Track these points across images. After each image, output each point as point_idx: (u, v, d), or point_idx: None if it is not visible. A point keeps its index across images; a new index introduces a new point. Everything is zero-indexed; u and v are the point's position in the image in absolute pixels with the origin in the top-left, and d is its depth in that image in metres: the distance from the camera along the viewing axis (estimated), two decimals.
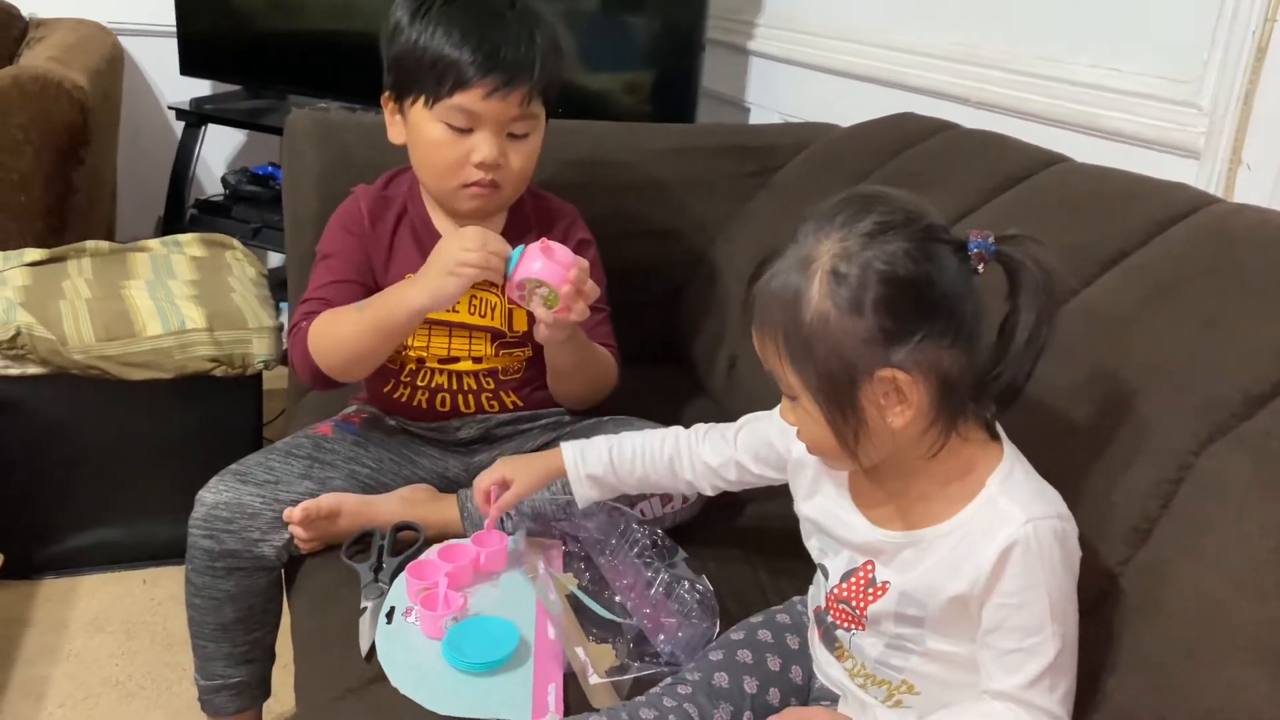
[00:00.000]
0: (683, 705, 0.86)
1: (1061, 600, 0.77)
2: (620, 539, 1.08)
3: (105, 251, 1.94)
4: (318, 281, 1.23)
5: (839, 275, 0.74)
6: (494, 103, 1.13)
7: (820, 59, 1.95)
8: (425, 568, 1.05)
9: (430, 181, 1.22)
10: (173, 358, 1.64)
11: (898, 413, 0.76)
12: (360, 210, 1.25)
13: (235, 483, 1.14)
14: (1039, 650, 0.76)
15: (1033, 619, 0.76)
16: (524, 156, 1.19)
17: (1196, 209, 1.02)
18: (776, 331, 0.77)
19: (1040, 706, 0.77)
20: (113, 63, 2.33)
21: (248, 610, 1.18)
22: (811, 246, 0.76)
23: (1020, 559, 0.75)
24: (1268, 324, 0.86)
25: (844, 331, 0.74)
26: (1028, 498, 0.78)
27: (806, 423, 0.80)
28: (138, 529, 1.74)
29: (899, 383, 0.75)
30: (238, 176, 2.49)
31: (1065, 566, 0.77)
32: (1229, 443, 0.83)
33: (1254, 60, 1.14)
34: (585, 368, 1.23)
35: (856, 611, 0.85)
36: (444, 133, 1.15)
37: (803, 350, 0.76)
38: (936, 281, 0.74)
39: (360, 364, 1.18)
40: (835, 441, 0.78)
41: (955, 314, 0.75)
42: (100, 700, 1.47)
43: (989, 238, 0.76)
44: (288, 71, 2.44)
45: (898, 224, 0.74)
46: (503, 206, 1.25)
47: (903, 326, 0.73)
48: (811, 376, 0.76)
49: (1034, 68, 1.47)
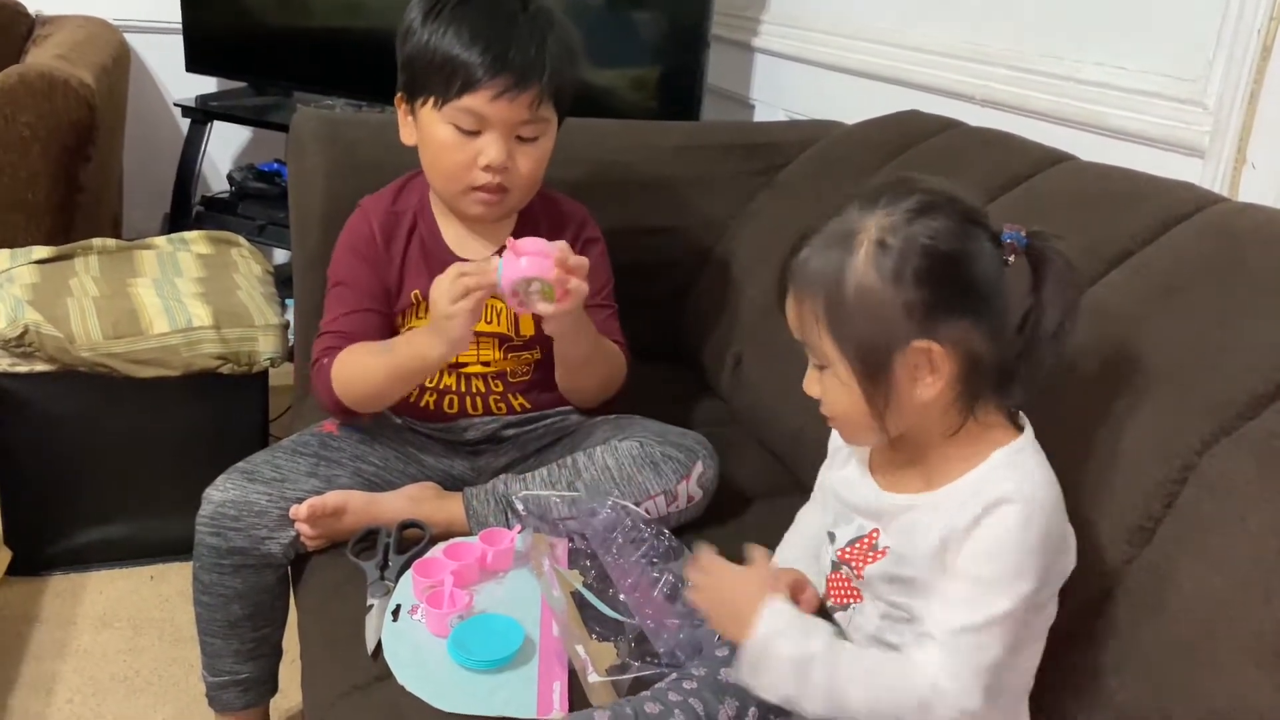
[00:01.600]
0: (688, 700, 0.86)
1: (1022, 575, 0.76)
2: (626, 538, 1.08)
3: (112, 249, 1.94)
4: (333, 312, 1.23)
5: (884, 246, 0.77)
6: (502, 105, 1.13)
7: (826, 56, 1.95)
8: (431, 565, 1.05)
9: (438, 184, 1.22)
10: (179, 355, 1.64)
11: (928, 384, 0.79)
12: (370, 230, 1.24)
13: (242, 480, 1.14)
14: (980, 604, 0.76)
15: (989, 573, 0.76)
16: (532, 160, 1.18)
17: (1202, 208, 1.02)
18: (818, 298, 0.80)
19: (961, 656, 0.76)
20: (119, 60, 2.34)
21: (255, 607, 1.19)
22: (856, 221, 0.79)
23: (999, 518, 0.76)
24: (1272, 323, 0.86)
25: (885, 300, 0.77)
26: (1027, 476, 0.79)
27: (836, 391, 0.82)
28: (145, 525, 1.74)
29: (933, 354, 0.77)
30: (243, 174, 2.49)
31: (1040, 548, 0.77)
32: (1233, 442, 0.83)
33: (1259, 59, 1.14)
34: (597, 361, 1.23)
35: (855, 573, 0.86)
36: (452, 134, 1.15)
37: (843, 317, 0.79)
38: (975, 261, 0.78)
39: (385, 400, 1.20)
40: (864, 410, 0.80)
41: (988, 297, 0.78)
42: (108, 695, 1.48)
43: (1021, 231, 0.79)
44: (294, 69, 2.45)
45: (941, 204, 0.78)
46: (510, 212, 1.24)
47: (941, 300, 0.77)
48: (849, 343, 0.79)
49: (1039, 66, 1.46)
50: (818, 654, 0.79)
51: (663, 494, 1.15)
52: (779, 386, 1.38)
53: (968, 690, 0.76)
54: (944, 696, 0.76)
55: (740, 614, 0.82)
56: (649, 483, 1.15)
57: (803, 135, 1.67)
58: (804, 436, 1.30)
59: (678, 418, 1.29)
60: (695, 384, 1.58)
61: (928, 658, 0.77)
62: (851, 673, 0.78)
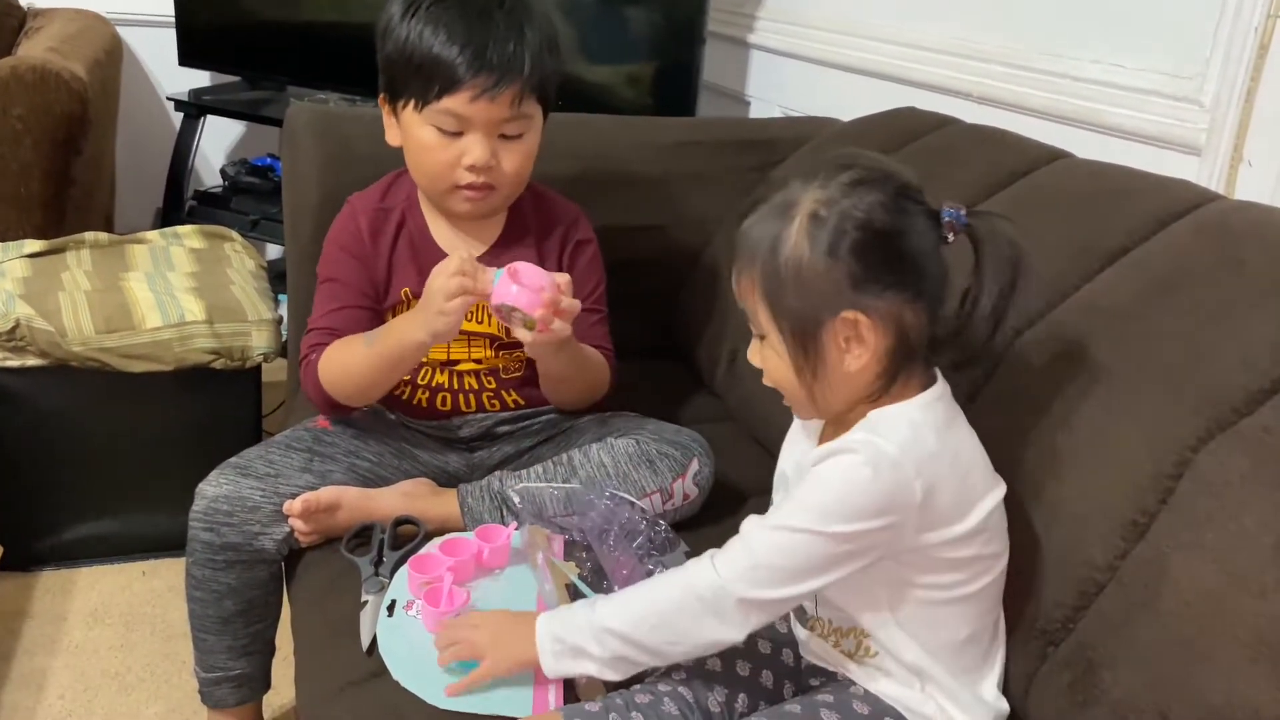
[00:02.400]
0: (677, 689, 0.87)
1: (839, 510, 0.78)
2: (620, 530, 1.08)
3: (104, 243, 1.93)
4: (321, 309, 1.23)
5: (818, 219, 0.80)
6: (483, 104, 1.11)
7: (821, 53, 1.95)
8: (427, 561, 1.05)
9: (424, 184, 1.21)
10: (172, 350, 1.64)
11: (855, 355, 0.81)
12: (358, 227, 1.23)
13: (235, 476, 1.14)
14: (791, 513, 0.80)
15: (808, 497, 0.80)
16: (518, 158, 1.17)
17: (1198, 205, 1.02)
18: (754, 267, 0.82)
19: (748, 545, 0.81)
20: (111, 53, 2.32)
21: (248, 603, 1.18)
22: (795, 193, 0.82)
23: (837, 459, 0.80)
24: (1268, 320, 0.86)
25: (817, 272, 0.80)
26: (882, 433, 0.80)
27: (773, 361, 0.85)
28: (137, 521, 1.74)
29: (860, 325, 0.80)
30: (237, 168, 2.48)
31: (875, 494, 0.78)
32: (1228, 438, 0.83)
33: (1256, 57, 1.14)
34: (577, 375, 1.22)
35: None
36: (435, 136, 1.14)
37: (777, 287, 0.81)
38: (906, 236, 0.80)
39: (373, 392, 1.19)
40: (796, 379, 0.83)
41: (921, 272, 0.81)
42: (100, 692, 1.48)
43: (960, 210, 0.81)
44: (287, 63, 2.44)
45: (875, 180, 0.81)
46: (498, 208, 1.24)
47: (871, 273, 0.79)
48: (783, 313, 0.82)
49: (1036, 63, 1.46)
50: (593, 627, 0.84)
51: (658, 492, 1.15)
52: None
53: (735, 568, 0.81)
54: (718, 572, 0.81)
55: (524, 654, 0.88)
56: (645, 480, 1.15)
57: (798, 132, 1.67)
58: None
59: (672, 414, 1.29)
60: (690, 380, 1.58)
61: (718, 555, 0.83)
62: (635, 614, 0.83)
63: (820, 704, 0.85)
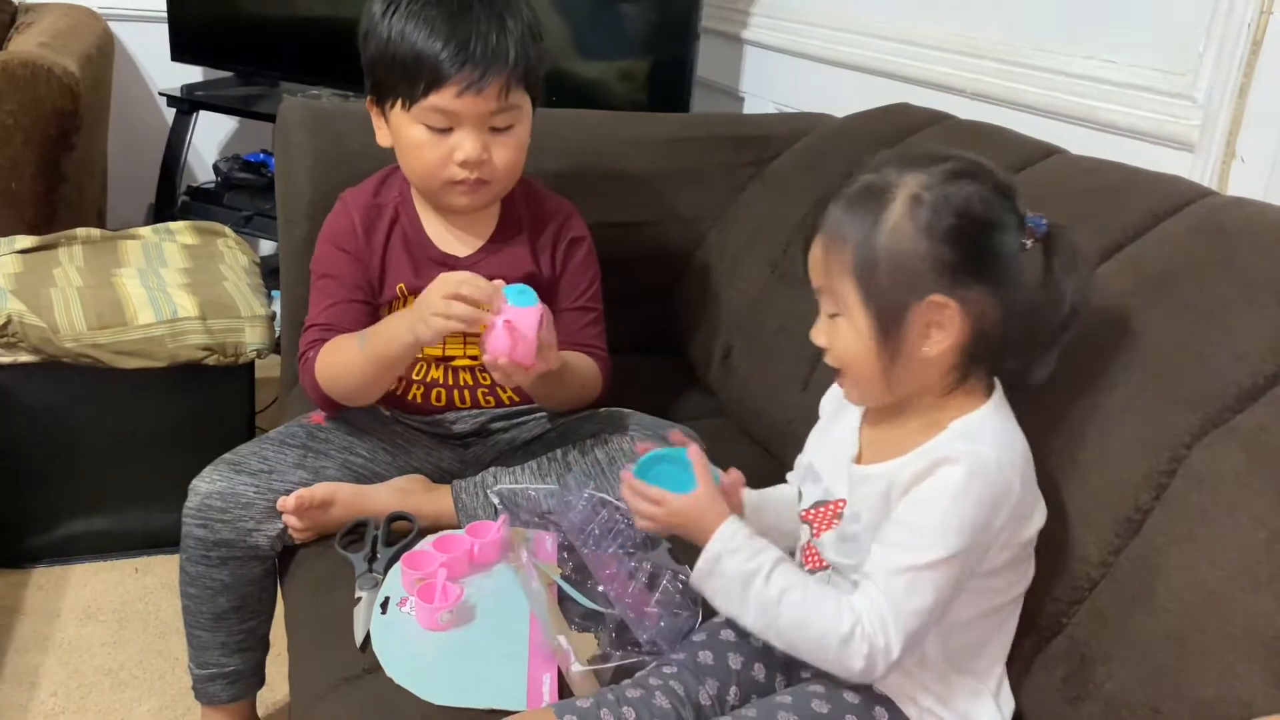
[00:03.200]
0: (669, 683, 0.87)
1: (957, 529, 0.79)
2: (603, 529, 1.08)
3: (96, 239, 1.92)
4: (318, 306, 1.22)
5: (919, 200, 0.80)
6: (470, 98, 1.10)
7: (815, 49, 1.95)
8: (420, 558, 1.05)
9: (418, 183, 1.21)
10: (165, 346, 1.63)
11: (935, 341, 0.81)
12: (351, 222, 1.23)
13: (229, 472, 1.14)
14: (919, 550, 0.79)
15: (924, 522, 0.79)
16: (510, 149, 1.16)
17: (1191, 202, 1.03)
18: (848, 245, 0.82)
19: (888, 599, 0.79)
20: (103, 49, 2.31)
21: (242, 599, 1.18)
22: (892, 178, 0.82)
23: (939, 475, 0.79)
24: (1261, 317, 0.86)
25: (914, 253, 0.80)
26: (976, 441, 0.81)
27: (849, 339, 0.84)
28: (130, 517, 1.73)
29: (947, 311, 0.81)
30: (229, 164, 2.47)
31: (978, 505, 0.79)
32: (1222, 435, 0.83)
33: (1249, 54, 1.15)
34: (563, 384, 1.21)
35: (813, 532, 0.89)
36: (424, 134, 1.13)
37: (872, 267, 0.81)
38: (1000, 232, 0.81)
39: (370, 390, 1.18)
40: (873, 360, 0.83)
41: (1006, 271, 0.81)
42: (92, 689, 1.47)
43: (1043, 219, 0.83)
44: (280, 58, 2.43)
45: (976, 172, 0.82)
46: (494, 199, 1.23)
47: (964, 261, 0.80)
48: (873, 292, 0.81)
49: (1030, 59, 1.47)
50: (759, 572, 0.83)
51: None
52: (768, 378, 1.38)
53: (888, 631, 0.79)
54: (864, 633, 0.79)
55: (702, 531, 0.86)
56: None
57: (792, 128, 1.67)
58: (793, 429, 1.30)
59: (667, 410, 1.29)
60: (684, 376, 1.58)
61: (861, 597, 0.81)
62: (789, 596, 0.82)
63: (811, 694, 0.85)
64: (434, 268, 1.19)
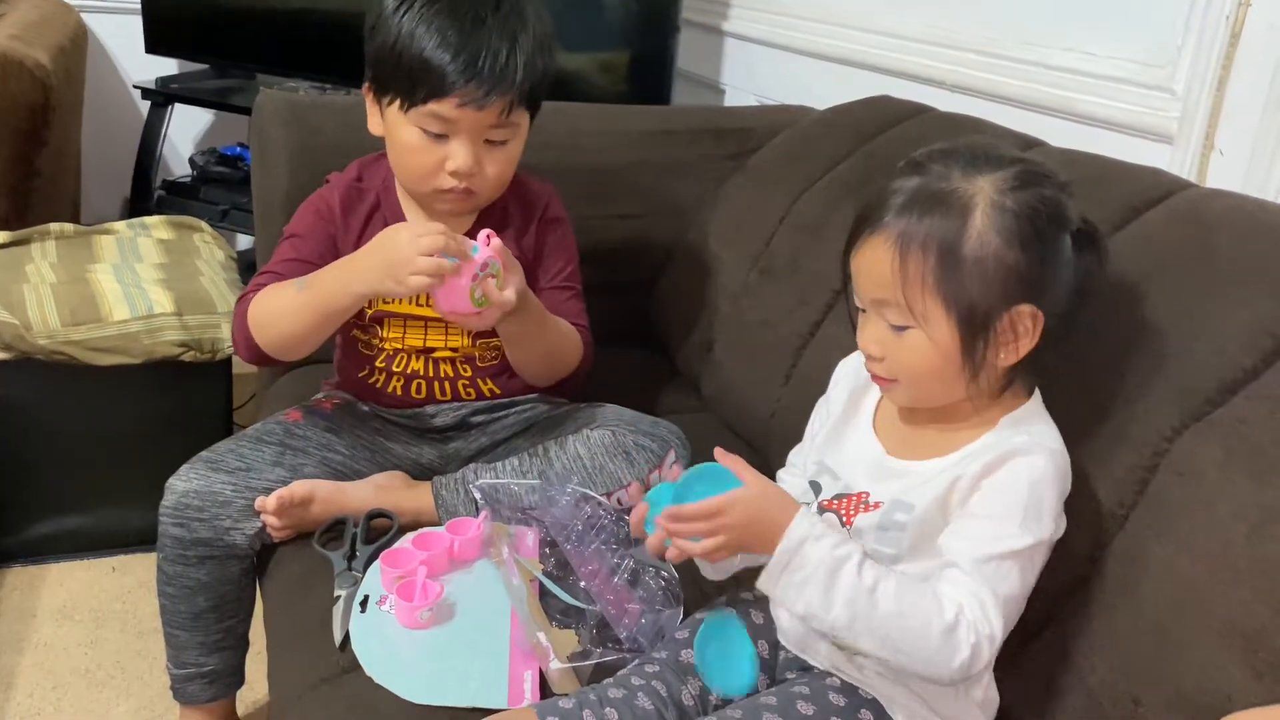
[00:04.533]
0: (650, 683, 0.87)
1: (1037, 514, 0.79)
2: (586, 525, 1.07)
3: (70, 234, 1.90)
4: (278, 257, 1.20)
5: (1003, 208, 0.78)
6: (470, 112, 1.09)
7: (796, 41, 1.95)
8: (400, 556, 1.04)
9: (405, 181, 1.20)
10: (140, 343, 1.62)
11: (1012, 349, 0.80)
12: (333, 200, 1.22)
13: (206, 470, 1.12)
14: (1004, 539, 0.78)
15: (1010, 509, 0.78)
16: (501, 164, 1.15)
17: (1171, 194, 1.03)
18: (929, 255, 0.78)
19: (985, 584, 0.77)
20: (76, 41, 2.28)
21: (220, 598, 1.17)
22: (964, 183, 0.79)
23: (1014, 463, 0.79)
24: (1240, 311, 0.86)
25: (1001, 261, 0.78)
26: (1036, 432, 0.82)
27: (921, 350, 0.81)
28: (107, 516, 1.71)
29: (1034, 321, 0.79)
30: (206, 157, 2.45)
31: (1051, 491, 0.80)
32: (1202, 428, 0.84)
33: (1227, 46, 1.15)
34: (539, 335, 1.18)
35: (843, 519, 0.86)
36: (419, 138, 1.12)
37: (957, 275, 0.78)
38: (1069, 235, 0.81)
39: (298, 344, 1.14)
40: (942, 370, 0.80)
41: (1071, 272, 0.81)
42: (69, 690, 1.46)
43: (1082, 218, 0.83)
44: (256, 50, 2.40)
45: (1045, 175, 0.81)
46: (477, 209, 1.22)
47: (1044, 268, 0.79)
48: (957, 302, 0.79)
49: (1010, 51, 1.47)
50: (850, 559, 0.78)
51: (635, 483, 1.15)
52: (751, 372, 1.37)
53: (989, 615, 0.77)
54: (970, 621, 0.77)
55: (773, 521, 0.79)
56: (621, 472, 1.14)
57: (774, 120, 1.67)
58: (776, 422, 1.30)
59: (649, 404, 1.28)
60: (666, 370, 1.58)
61: (954, 585, 0.78)
62: (883, 586, 0.77)
63: (796, 695, 0.84)
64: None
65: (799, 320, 1.31)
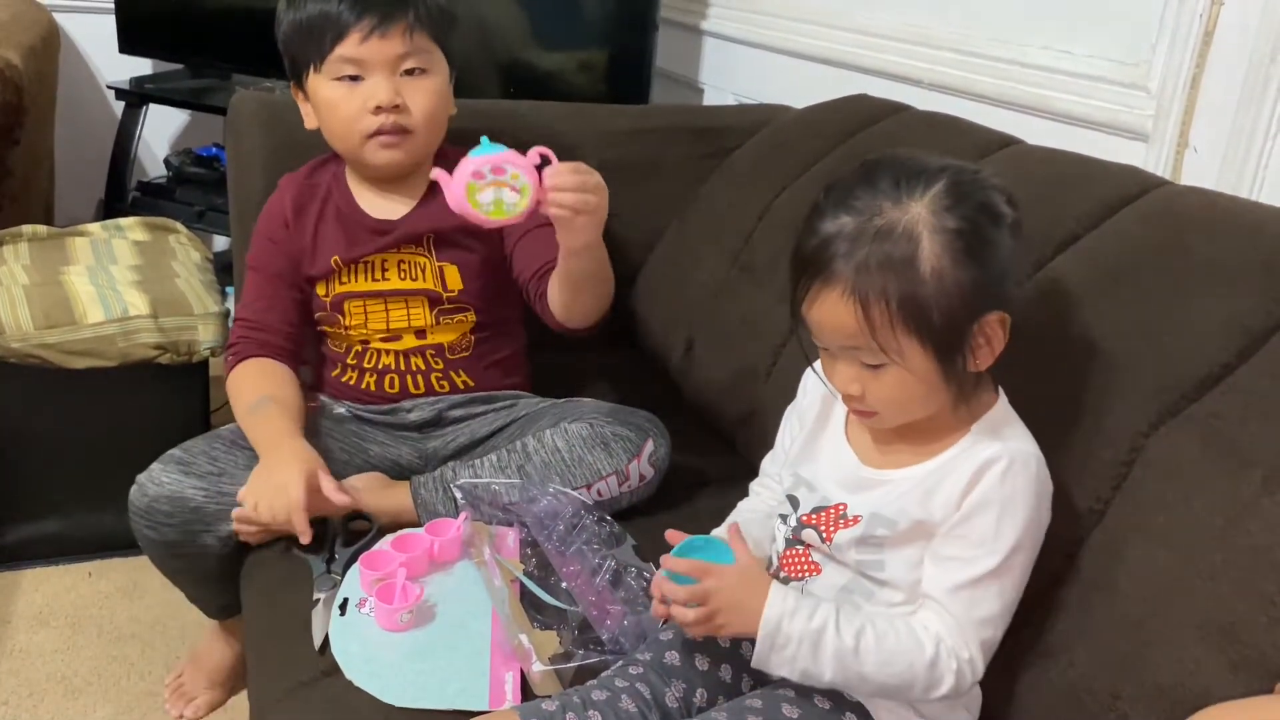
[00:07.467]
0: (635, 685, 0.86)
1: (1015, 528, 0.79)
2: (568, 525, 1.07)
3: (43, 236, 1.88)
4: (247, 296, 1.27)
5: (945, 230, 0.78)
6: (374, 43, 1.15)
7: (774, 40, 1.95)
8: (379, 558, 1.03)
9: (341, 146, 1.23)
10: (115, 345, 1.60)
11: (986, 353, 0.81)
12: (283, 207, 1.26)
13: (178, 473, 1.12)
14: (974, 562, 0.80)
15: (980, 531, 0.80)
16: (424, 96, 1.18)
17: (1146, 192, 1.03)
18: (889, 295, 0.77)
19: (954, 615, 0.80)
20: (48, 40, 2.26)
21: (214, 569, 1.18)
22: (896, 213, 0.78)
23: (990, 476, 0.79)
24: (1214, 306, 0.87)
25: (958, 283, 0.78)
26: (1007, 437, 0.82)
27: (901, 384, 0.80)
28: (83, 520, 1.69)
29: (1001, 325, 0.80)
30: (181, 158, 2.43)
31: (1034, 498, 0.80)
32: (1179, 424, 0.84)
33: (1201, 44, 1.16)
34: (606, 276, 1.18)
35: (824, 538, 0.86)
36: (338, 89, 1.17)
37: (921, 306, 0.77)
38: (1012, 229, 0.81)
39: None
40: (934, 392, 0.81)
41: (1015, 258, 0.82)
42: (45, 697, 1.44)
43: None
44: (231, 50, 2.38)
45: (969, 179, 0.80)
46: (418, 155, 1.22)
47: (1001, 270, 0.80)
48: (927, 331, 0.78)
49: (986, 50, 1.47)
50: (827, 627, 0.81)
51: (614, 474, 1.15)
52: (730, 370, 1.37)
53: (969, 644, 0.80)
54: (949, 650, 0.80)
55: (748, 606, 0.82)
56: (600, 463, 1.14)
57: (752, 119, 1.67)
58: (755, 420, 1.30)
59: (628, 403, 1.28)
60: (645, 368, 1.57)
61: (928, 616, 0.81)
62: (864, 640, 0.80)
63: (781, 698, 0.84)
64: (368, 236, 1.23)
65: (779, 318, 1.31)
